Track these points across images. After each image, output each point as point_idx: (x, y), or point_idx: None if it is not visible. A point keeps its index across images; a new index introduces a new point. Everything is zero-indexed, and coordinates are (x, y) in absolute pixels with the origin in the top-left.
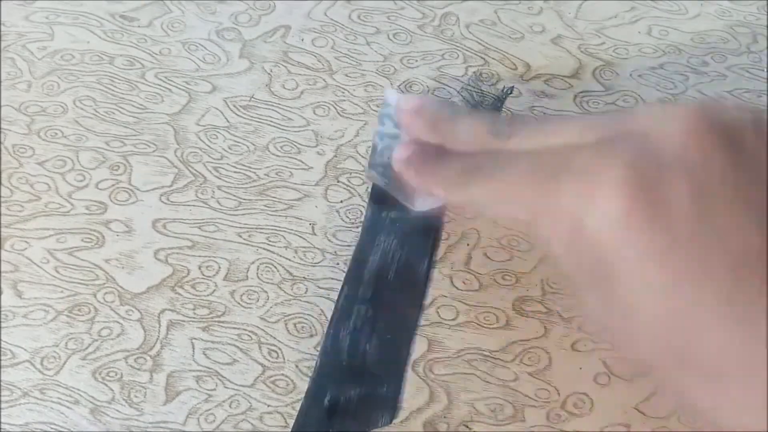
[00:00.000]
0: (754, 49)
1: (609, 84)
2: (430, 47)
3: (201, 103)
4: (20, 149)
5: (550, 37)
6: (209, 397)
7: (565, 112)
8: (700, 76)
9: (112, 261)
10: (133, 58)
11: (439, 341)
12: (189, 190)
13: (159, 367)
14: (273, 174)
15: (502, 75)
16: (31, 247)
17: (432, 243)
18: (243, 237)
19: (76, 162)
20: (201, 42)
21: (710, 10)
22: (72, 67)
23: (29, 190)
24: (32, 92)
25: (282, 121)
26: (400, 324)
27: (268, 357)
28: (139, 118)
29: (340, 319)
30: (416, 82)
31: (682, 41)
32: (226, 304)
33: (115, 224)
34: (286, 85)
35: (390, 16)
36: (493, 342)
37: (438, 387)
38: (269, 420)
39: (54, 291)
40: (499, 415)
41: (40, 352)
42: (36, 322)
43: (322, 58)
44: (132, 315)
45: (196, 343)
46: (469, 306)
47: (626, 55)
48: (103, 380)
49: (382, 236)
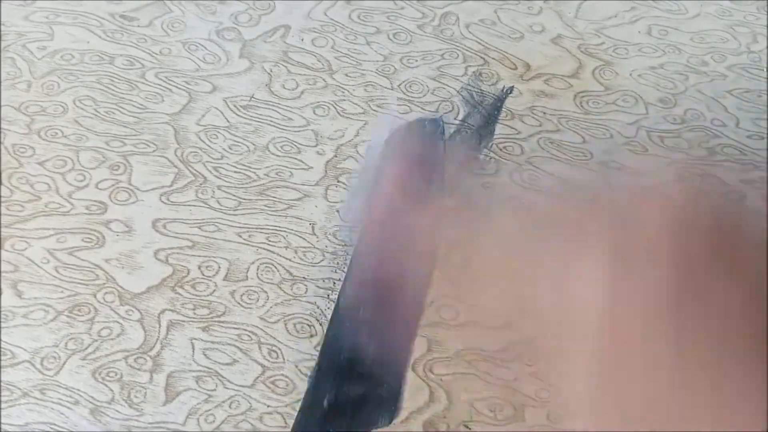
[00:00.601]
0: (753, 49)
1: (609, 84)
2: (430, 47)
3: (201, 103)
4: (20, 149)
5: (550, 36)
6: (209, 397)
7: (565, 111)
8: (699, 75)
9: (112, 261)
10: (133, 58)
11: (439, 341)
12: (189, 190)
13: (159, 367)
14: (273, 174)
15: (501, 75)
16: (31, 247)
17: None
18: (243, 237)
19: (76, 162)
20: (201, 42)
21: (710, 10)
22: (72, 67)
23: (29, 190)
24: (32, 92)
25: (282, 121)
26: (400, 324)
27: (267, 357)
28: (139, 118)
29: (340, 319)
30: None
31: (681, 41)
32: (226, 304)
33: (115, 224)
34: (286, 84)
35: (390, 16)
36: (494, 342)
37: (438, 387)
38: (269, 420)
39: (54, 291)
40: (499, 415)
41: (40, 352)
42: (36, 322)
43: (322, 58)
44: (132, 315)
45: (196, 343)
46: (470, 306)
47: (626, 55)
48: (103, 380)
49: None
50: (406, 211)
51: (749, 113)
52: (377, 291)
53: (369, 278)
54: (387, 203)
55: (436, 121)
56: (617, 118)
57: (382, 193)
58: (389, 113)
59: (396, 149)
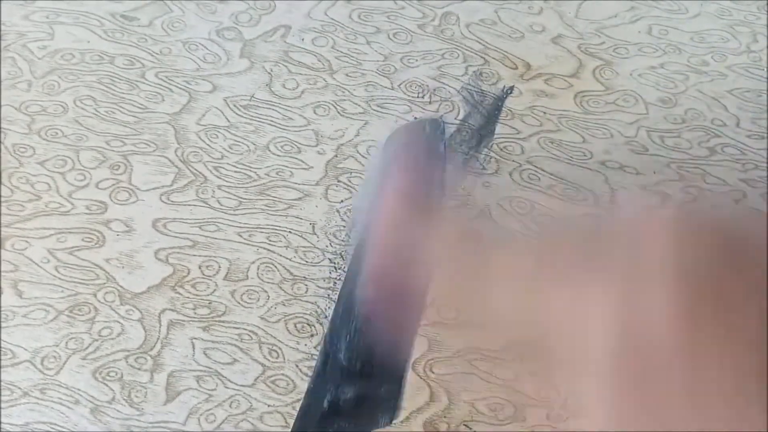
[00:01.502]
0: (754, 49)
1: (609, 83)
2: (431, 47)
3: (201, 103)
4: (21, 149)
5: (551, 36)
6: (210, 396)
7: (566, 111)
8: (700, 75)
9: (112, 260)
10: (133, 57)
11: (439, 341)
12: (189, 190)
13: (159, 366)
14: (273, 173)
15: (502, 74)
16: (31, 247)
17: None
18: (243, 237)
19: (77, 161)
20: (201, 41)
21: (710, 10)
22: (72, 67)
23: (30, 190)
24: (33, 92)
25: (282, 121)
26: (401, 324)
27: (268, 357)
28: (140, 118)
29: (340, 319)
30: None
31: (682, 40)
32: (226, 303)
33: (116, 224)
34: (286, 84)
35: (390, 16)
36: (494, 341)
37: (438, 387)
38: (269, 420)
39: (54, 291)
40: (500, 414)
41: (41, 351)
42: (36, 321)
43: (322, 58)
44: (132, 315)
45: (196, 342)
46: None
47: (626, 55)
48: (104, 380)
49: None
50: (410, 224)
51: (749, 113)
52: (378, 293)
53: (369, 280)
54: (390, 216)
55: (436, 121)
56: (617, 118)
57: (385, 207)
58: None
59: (398, 156)
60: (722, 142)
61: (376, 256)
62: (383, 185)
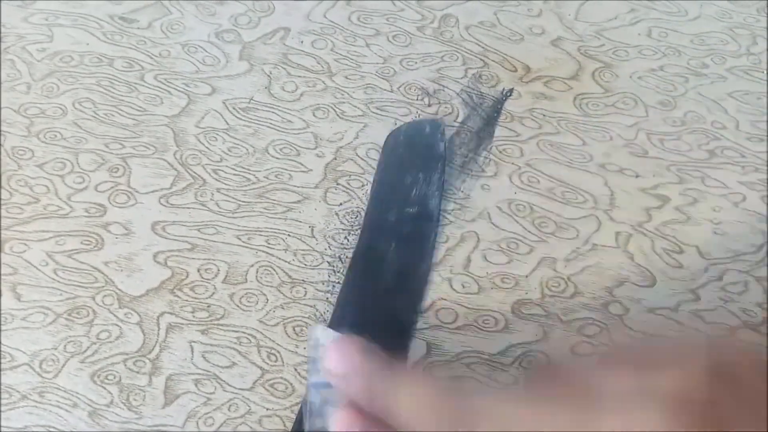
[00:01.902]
0: (753, 51)
1: (608, 86)
2: (430, 49)
3: (200, 106)
4: (19, 151)
5: (550, 38)
6: (208, 400)
7: (565, 114)
8: (699, 78)
9: (111, 264)
10: (132, 60)
11: (438, 344)
12: (188, 193)
13: (158, 370)
14: (272, 176)
15: (501, 77)
16: (30, 250)
17: (431, 245)
18: (242, 240)
19: (76, 164)
20: (200, 44)
21: (710, 12)
22: (71, 69)
23: (28, 193)
24: (32, 94)
25: (281, 124)
26: (399, 327)
27: (267, 360)
28: (139, 120)
29: (339, 321)
30: (413, 86)
31: (681, 43)
32: (225, 307)
33: (115, 227)
34: (285, 87)
35: (389, 18)
36: (492, 345)
37: None
38: (268, 423)
39: (53, 294)
40: None
41: (39, 355)
42: (35, 324)
43: (321, 60)
44: (131, 318)
45: (195, 346)
46: (468, 309)
47: (626, 57)
48: (102, 383)
49: (381, 238)
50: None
51: (749, 115)
52: (376, 293)
53: (368, 280)
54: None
55: (436, 123)
56: (617, 121)
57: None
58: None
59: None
60: (722, 145)
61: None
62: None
